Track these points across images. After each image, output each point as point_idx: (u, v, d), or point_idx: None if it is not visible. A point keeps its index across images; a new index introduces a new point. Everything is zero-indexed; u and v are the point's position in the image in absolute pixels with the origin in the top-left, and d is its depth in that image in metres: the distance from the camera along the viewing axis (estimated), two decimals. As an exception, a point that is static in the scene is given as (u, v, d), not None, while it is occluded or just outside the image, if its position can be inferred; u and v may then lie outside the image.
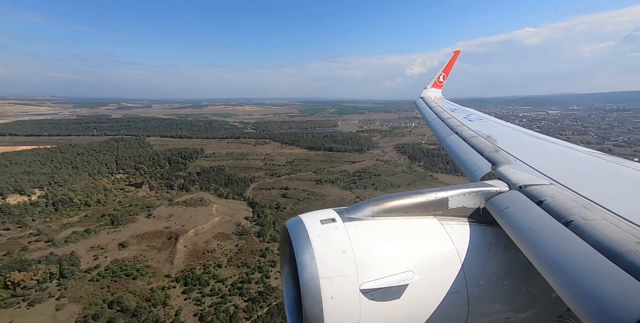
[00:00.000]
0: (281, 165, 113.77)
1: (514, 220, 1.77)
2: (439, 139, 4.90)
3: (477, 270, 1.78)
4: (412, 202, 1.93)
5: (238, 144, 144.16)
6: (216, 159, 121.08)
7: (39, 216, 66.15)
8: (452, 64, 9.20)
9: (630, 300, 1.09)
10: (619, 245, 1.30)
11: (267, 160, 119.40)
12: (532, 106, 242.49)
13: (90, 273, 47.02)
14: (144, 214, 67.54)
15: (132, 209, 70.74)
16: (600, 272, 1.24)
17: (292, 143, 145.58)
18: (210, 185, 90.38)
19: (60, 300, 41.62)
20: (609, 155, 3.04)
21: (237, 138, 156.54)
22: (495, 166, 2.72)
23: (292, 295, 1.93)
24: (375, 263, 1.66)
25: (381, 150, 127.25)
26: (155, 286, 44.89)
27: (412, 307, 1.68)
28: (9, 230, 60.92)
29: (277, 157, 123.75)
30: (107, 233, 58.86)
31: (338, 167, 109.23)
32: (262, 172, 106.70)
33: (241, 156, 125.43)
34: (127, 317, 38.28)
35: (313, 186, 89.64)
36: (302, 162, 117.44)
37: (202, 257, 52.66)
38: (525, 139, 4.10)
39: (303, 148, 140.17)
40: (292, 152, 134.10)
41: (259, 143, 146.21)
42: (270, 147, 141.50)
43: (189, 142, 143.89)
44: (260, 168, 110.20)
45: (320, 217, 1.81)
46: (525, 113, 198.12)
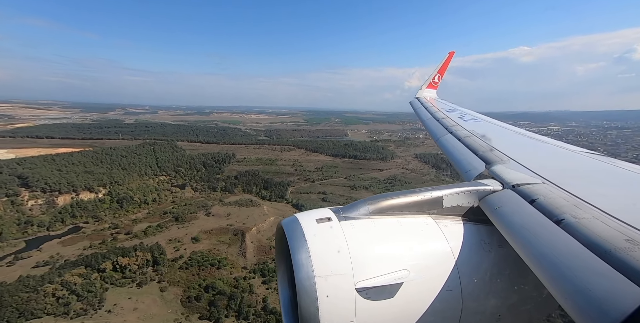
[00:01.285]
0: (311, 171, 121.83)
1: (507, 219, 1.83)
2: (434, 138, 5.04)
3: (471, 268, 1.84)
4: (407, 201, 1.99)
5: (265, 150, 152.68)
6: (247, 163, 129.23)
7: (108, 212, 73.98)
8: (446, 64, 9.46)
9: (620, 296, 1.14)
10: (608, 242, 1.36)
11: (297, 166, 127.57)
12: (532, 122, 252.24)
13: (177, 262, 54.32)
14: (203, 212, 75.16)
15: (189, 208, 78.41)
16: (590, 269, 1.29)
17: (316, 150, 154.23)
18: (251, 188, 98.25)
19: (161, 283, 48.88)
20: (600, 155, 3.16)
21: (262, 144, 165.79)
22: (489, 165, 2.81)
23: (287, 294, 1.99)
24: (371, 262, 1.71)
25: (403, 159, 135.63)
26: (236, 276, 52.04)
27: (406, 305, 1.74)
28: (88, 223, 68.72)
29: (305, 163, 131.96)
30: (178, 229, 66.39)
31: (367, 174, 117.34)
32: (295, 176, 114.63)
33: (270, 161, 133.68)
34: (225, 299, 45.31)
35: (349, 191, 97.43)
36: (331, 168, 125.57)
37: (269, 252, 59.81)
38: (518, 139, 4.26)
39: (328, 155, 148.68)
40: (318, 158, 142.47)
41: (284, 149, 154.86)
42: (296, 153, 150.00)
43: (217, 147, 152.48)
44: (292, 174, 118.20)
45: (316, 216, 1.87)
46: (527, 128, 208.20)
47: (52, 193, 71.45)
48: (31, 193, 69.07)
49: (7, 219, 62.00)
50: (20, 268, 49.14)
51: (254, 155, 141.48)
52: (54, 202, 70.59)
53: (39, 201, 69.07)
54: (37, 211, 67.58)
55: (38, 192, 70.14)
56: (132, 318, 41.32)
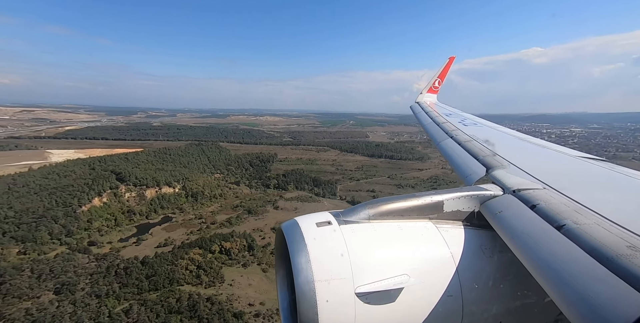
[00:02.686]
0: (352, 170, 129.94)
1: (508, 224, 1.84)
2: (434, 142, 5.12)
3: (472, 273, 1.85)
4: (407, 205, 2.01)
5: (302, 151, 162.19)
6: (289, 163, 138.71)
7: (187, 204, 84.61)
8: (447, 69, 9.66)
9: (622, 304, 1.13)
10: (610, 249, 1.37)
11: (337, 166, 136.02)
12: (551, 124, 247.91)
13: (266, 248, 63.45)
14: (271, 206, 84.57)
15: (256, 202, 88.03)
16: (592, 275, 1.29)
17: (350, 150, 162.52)
18: (303, 185, 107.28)
19: (260, 265, 58.01)
20: (600, 160, 3.21)
21: (297, 145, 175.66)
22: (490, 170, 2.85)
23: (287, 298, 2.00)
24: (371, 267, 1.72)
25: (438, 159, 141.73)
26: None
27: (407, 311, 1.74)
28: (175, 214, 79.41)
29: (344, 163, 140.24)
30: (255, 220, 75.88)
31: (407, 173, 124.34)
32: (338, 175, 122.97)
33: (310, 161, 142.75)
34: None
35: (396, 190, 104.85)
36: (371, 168, 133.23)
37: (342, 241, 68.02)
38: (519, 144, 4.35)
39: (364, 155, 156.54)
40: (355, 158, 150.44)
41: (320, 150, 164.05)
42: (332, 154, 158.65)
43: (256, 148, 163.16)
44: (334, 173, 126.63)
45: (316, 219, 1.89)
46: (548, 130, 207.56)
47: (141, 187, 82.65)
48: (126, 187, 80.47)
49: (114, 208, 73.31)
50: (146, 247, 59.50)
51: (293, 155, 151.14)
52: (143, 195, 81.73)
53: (132, 194, 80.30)
54: (133, 202, 78.72)
55: (131, 186, 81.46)
56: (250, 291, 50.29)
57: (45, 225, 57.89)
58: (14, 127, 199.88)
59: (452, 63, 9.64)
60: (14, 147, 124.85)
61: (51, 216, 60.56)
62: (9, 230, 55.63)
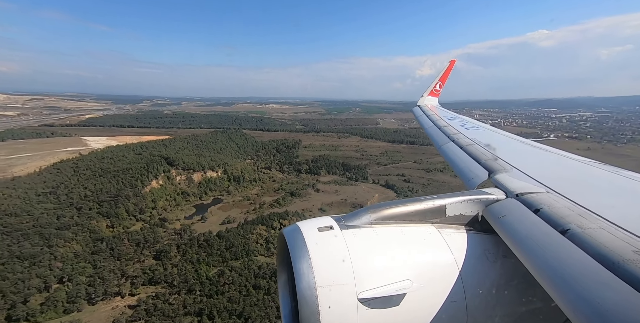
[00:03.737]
0: (377, 156, 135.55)
1: (512, 229, 1.85)
2: (435, 146, 5.20)
3: (475, 279, 1.86)
4: (409, 209, 2.03)
5: (323, 137, 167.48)
6: (314, 149, 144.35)
7: (232, 188, 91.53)
8: (447, 73, 9.86)
9: (629, 309, 1.14)
10: (616, 254, 1.37)
11: (361, 151, 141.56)
12: (558, 109, 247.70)
13: (318, 224, 70.35)
14: (311, 189, 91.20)
15: (295, 185, 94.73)
16: (597, 280, 1.30)
17: (371, 137, 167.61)
18: (334, 170, 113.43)
19: (317, 238, 65.07)
20: (605, 164, 3.23)
21: (317, 132, 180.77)
22: (492, 174, 2.88)
23: (289, 304, 1.99)
24: (373, 272, 1.72)
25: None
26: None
27: (410, 317, 1.75)
28: (223, 196, 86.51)
29: (367, 149, 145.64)
30: (301, 202, 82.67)
31: (432, 158, 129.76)
32: (364, 161, 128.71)
33: (333, 147, 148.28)
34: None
35: (425, 174, 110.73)
36: (395, 153, 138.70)
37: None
38: (521, 147, 4.38)
39: (385, 141, 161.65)
40: (377, 144, 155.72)
41: (342, 136, 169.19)
42: (354, 140, 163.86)
43: (278, 134, 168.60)
44: (360, 158, 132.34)
45: (318, 224, 1.91)
46: (557, 115, 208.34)
47: (188, 171, 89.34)
48: (176, 171, 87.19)
49: (170, 190, 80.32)
50: (212, 224, 66.73)
51: (316, 141, 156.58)
52: (191, 178, 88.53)
53: (182, 177, 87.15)
54: (183, 185, 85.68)
55: (180, 170, 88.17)
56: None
57: (122, 203, 65.03)
58: (35, 115, 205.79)
59: (452, 66, 9.89)
60: (50, 134, 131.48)
61: (124, 195, 67.62)
62: (93, 207, 62.87)
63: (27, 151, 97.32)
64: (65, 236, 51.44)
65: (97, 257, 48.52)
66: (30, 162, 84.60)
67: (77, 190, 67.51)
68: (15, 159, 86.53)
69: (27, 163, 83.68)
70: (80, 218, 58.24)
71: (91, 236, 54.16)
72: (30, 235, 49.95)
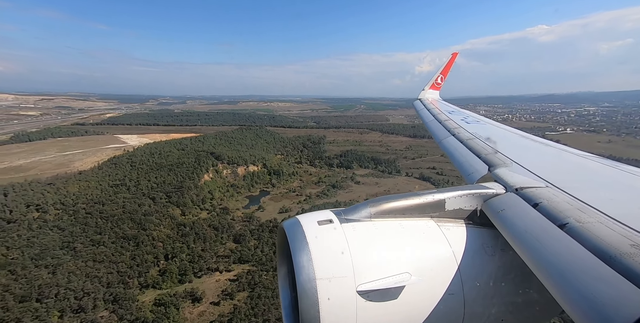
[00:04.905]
0: (402, 150, 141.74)
1: (510, 223, 1.91)
2: (436, 140, 5.30)
3: (473, 272, 1.92)
4: (409, 203, 2.08)
5: (344, 133, 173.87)
6: (339, 144, 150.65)
7: (275, 180, 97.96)
8: (449, 66, 9.85)
9: (625, 302, 1.17)
10: (613, 247, 1.40)
11: (385, 146, 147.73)
12: (561, 103, 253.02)
13: (367, 213, 76.59)
14: (350, 182, 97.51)
15: (334, 178, 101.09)
16: (595, 274, 1.33)
17: (391, 132, 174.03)
18: (366, 164, 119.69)
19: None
20: (604, 158, 3.29)
21: (338, 128, 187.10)
22: (492, 168, 2.95)
23: (289, 296, 2.07)
24: (372, 265, 1.78)
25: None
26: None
27: (408, 309, 1.81)
28: (269, 188, 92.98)
29: (391, 144, 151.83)
30: (345, 193, 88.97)
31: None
32: (390, 155, 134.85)
33: (357, 142, 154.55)
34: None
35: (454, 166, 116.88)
36: (419, 147, 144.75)
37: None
38: (521, 142, 4.45)
39: (406, 136, 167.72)
40: (399, 139, 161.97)
41: (363, 132, 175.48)
42: (375, 135, 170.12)
43: (299, 131, 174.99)
44: (386, 152, 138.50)
45: (318, 218, 1.96)
46: (562, 109, 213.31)
47: (232, 165, 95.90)
48: (222, 165, 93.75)
49: (220, 183, 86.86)
50: (270, 213, 73.15)
51: (339, 137, 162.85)
52: (236, 172, 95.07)
53: (228, 171, 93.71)
54: (230, 179, 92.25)
55: (225, 164, 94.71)
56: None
57: (186, 194, 71.61)
58: (55, 114, 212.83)
59: (455, 59, 9.88)
60: (84, 133, 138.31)
61: (187, 187, 74.21)
62: (162, 197, 69.47)
63: (75, 148, 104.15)
64: (152, 221, 58.01)
65: (187, 239, 55.06)
66: (85, 158, 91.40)
67: (144, 182, 74.10)
68: (70, 155, 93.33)
69: (83, 159, 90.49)
70: (157, 206, 64.82)
71: (172, 222, 60.74)
72: (124, 220, 56.55)
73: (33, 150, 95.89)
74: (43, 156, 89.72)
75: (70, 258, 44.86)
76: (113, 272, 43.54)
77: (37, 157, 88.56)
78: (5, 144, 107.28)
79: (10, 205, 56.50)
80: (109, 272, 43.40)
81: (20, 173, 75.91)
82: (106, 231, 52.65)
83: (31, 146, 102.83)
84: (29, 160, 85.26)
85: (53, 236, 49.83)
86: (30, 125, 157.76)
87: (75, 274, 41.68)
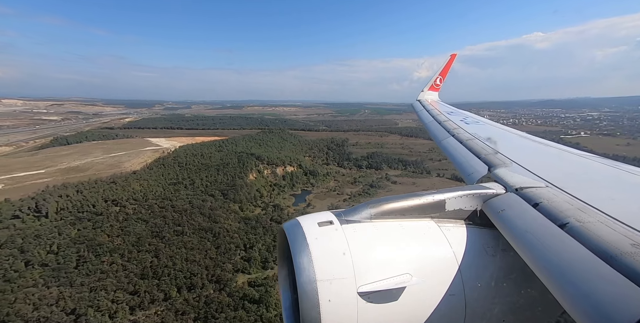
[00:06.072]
0: (425, 152, 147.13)
1: (511, 223, 1.93)
2: (435, 141, 5.38)
3: (474, 272, 1.94)
4: (409, 204, 2.12)
5: (365, 136, 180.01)
6: (361, 146, 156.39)
7: (313, 180, 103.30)
8: (448, 67, 10.01)
9: (626, 302, 1.19)
10: (613, 247, 1.42)
11: (407, 148, 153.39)
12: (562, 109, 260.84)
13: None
14: (387, 182, 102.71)
15: (368, 178, 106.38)
16: (595, 274, 1.35)
17: (410, 135, 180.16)
18: (395, 165, 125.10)
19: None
20: (604, 158, 3.34)
21: (357, 131, 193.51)
22: (492, 168, 2.99)
23: (289, 298, 2.10)
24: (373, 266, 1.81)
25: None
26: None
27: (409, 310, 1.84)
28: (309, 188, 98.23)
29: (413, 146, 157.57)
30: (386, 192, 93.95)
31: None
32: (414, 157, 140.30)
33: (379, 145, 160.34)
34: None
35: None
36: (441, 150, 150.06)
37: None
38: (520, 142, 4.53)
39: (426, 139, 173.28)
40: (419, 142, 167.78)
41: (383, 135, 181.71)
42: (394, 138, 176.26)
43: (321, 134, 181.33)
44: (410, 154, 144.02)
45: (318, 219, 1.99)
46: (565, 114, 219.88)
47: (272, 165, 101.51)
48: (263, 166, 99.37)
49: (263, 182, 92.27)
50: (320, 210, 78.02)
51: (361, 140, 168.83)
52: (275, 172, 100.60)
53: (269, 171, 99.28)
54: (271, 178, 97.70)
55: (265, 164, 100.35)
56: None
57: (240, 192, 76.95)
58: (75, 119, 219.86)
59: (453, 60, 10.02)
60: (115, 136, 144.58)
61: (239, 185, 79.64)
62: (219, 194, 74.81)
63: (116, 150, 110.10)
64: (220, 215, 63.26)
65: (257, 231, 60.15)
66: (131, 159, 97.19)
67: (198, 181, 79.58)
68: (117, 157, 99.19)
69: (130, 160, 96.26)
70: (217, 202, 70.13)
71: (237, 216, 65.95)
72: (195, 214, 61.79)
73: (80, 152, 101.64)
74: (93, 158, 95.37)
75: (164, 246, 49.97)
76: (207, 258, 48.60)
77: (88, 158, 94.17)
78: (48, 146, 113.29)
79: (91, 200, 61.87)
80: (203, 257, 48.47)
81: (80, 173, 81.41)
82: (183, 223, 57.85)
83: (75, 148, 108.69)
84: (83, 161, 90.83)
85: (141, 226, 55.04)
86: (58, 130, 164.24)
87: (175, 258, 46.77)
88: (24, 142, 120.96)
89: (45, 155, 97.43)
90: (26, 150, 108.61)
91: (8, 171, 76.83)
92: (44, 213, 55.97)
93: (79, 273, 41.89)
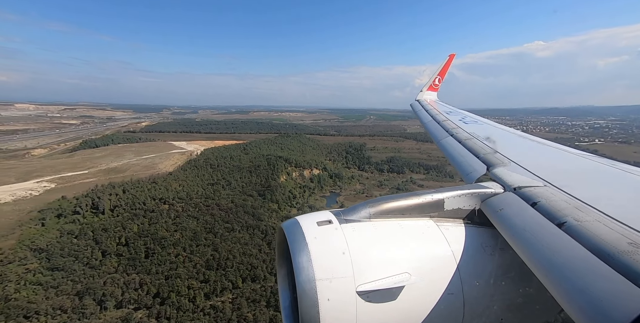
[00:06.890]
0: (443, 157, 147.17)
1: (509, 222, 1.96)
2: (434, 141, 5.42)
3: (473, 271, 1.98)
4: (408, 203, 2.14)
5: (380, 140, 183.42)
6: (379, 151, 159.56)
7: (339, 183, 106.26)
8: (447, 67, 10.18)
9: (623, 300, 1.21)
10: (611, 246, 1.45)
11: (424, 153, 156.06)
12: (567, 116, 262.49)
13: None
14: (413, 185, 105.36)
15: (392, 182, 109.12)
16: (593, 272, 1.37)
17: (425, 140, 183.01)
18: (417, 169, 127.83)
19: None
20: (602, 157, 3.39)
21: (372, 136, 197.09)
22: (491, 168, 3.03)
23: (288, 297, 2.13)
24: (372, 265, 1.83)
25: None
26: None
27: (408, 309, 1.86)
28: (336, 190, 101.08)
29: (430, 151, 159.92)
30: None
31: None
32: (434, 161, 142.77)
33: (396, 150, 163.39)
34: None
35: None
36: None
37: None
38: (519, 141, 4.57)
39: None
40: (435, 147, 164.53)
41: (398, 140, 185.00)
42: (410, 143, 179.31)
43: (337, 138, 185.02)
44: (428, 159, 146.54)
45: (317, 218, 2.01)
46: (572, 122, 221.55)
47: (299, 168, 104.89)
48: (291, 168, 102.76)
49: (293, 184, 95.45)
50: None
51: (378, 144, 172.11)
52: (303, 174, 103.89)
53: (297, 173, 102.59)
54: (299, 181, 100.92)
55: (293, 167, 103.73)
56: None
57: (275, 192, 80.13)
58: (92, 123, 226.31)
59: (452, 60, 10.15)
60: (138, 140, 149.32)
61: (273, 186, 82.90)
62: (255, 194, 77.98)
63: (145, 153, 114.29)
64: (262, 214, 66.31)
65: (300, 229, 62.99)
66: (163, 161, 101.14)
67: (234, 182, 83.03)
68: (150, 159, 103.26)
69: (162, 162, 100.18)
70: (257, 202, 73.30)
71: (277, 215, 68.94)
72: (239, 212, 64.91)
73: (113, 155, 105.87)
74: (128, 159, 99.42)
75: (219, 241, 52.98)
76: (262, 253, 51.48)
77: (123, 160, 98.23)
78: (79, 149, 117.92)
79: (140, 199, 65.34)
80: (258, 251, 51.36)
81: (119, 173, 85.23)
82: (231, 221, 60.96)
83: (107, 151, 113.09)
84: (120, 163, 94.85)
85: (193, 223, 58.23)
86: (80, 133, 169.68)
87: (233, 252, 49.70)
88: (55, 144, 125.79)
89: (81, 156, 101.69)
90: (60, 152, 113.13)
91: (56, 171, 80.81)
92: (100, 210, 59.46)
93: (150, 262, 44.95)
